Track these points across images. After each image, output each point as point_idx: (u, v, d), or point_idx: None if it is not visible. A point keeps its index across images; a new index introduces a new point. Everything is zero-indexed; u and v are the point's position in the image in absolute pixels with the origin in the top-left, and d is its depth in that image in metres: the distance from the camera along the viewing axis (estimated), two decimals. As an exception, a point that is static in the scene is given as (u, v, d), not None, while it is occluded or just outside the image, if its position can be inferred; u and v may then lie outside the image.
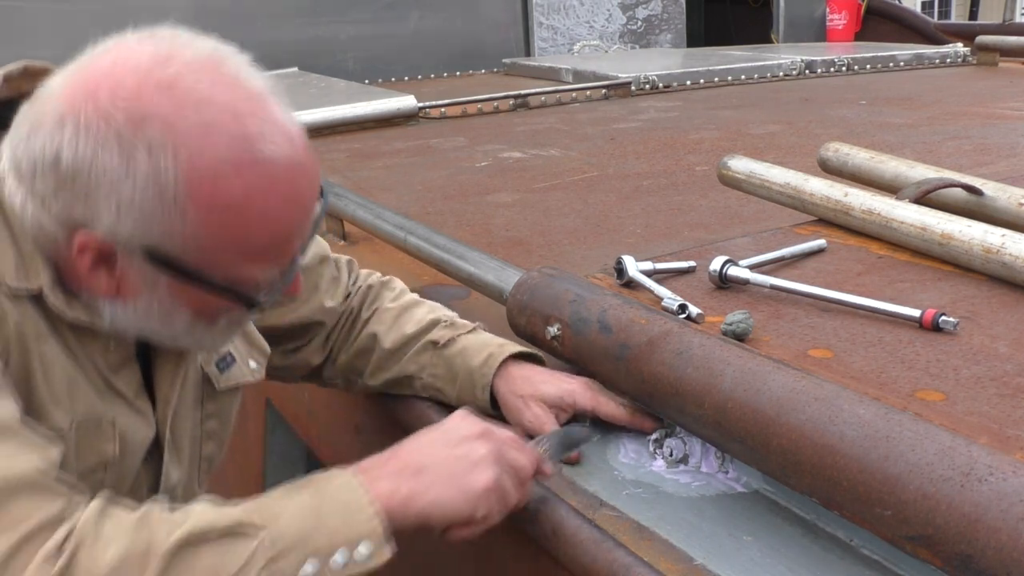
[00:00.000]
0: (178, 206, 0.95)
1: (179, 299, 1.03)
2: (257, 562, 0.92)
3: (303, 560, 0.94)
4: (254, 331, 1.34)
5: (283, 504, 0.97)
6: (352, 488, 1.00)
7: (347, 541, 0.96)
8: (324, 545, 0.95)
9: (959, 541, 0.81)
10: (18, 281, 1.02)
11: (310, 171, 1.04)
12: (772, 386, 1.02)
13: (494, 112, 4.02)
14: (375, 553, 0.97)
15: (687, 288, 1.48)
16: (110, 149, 0.93)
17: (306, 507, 0.97)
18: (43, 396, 1.04)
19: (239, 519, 0.94)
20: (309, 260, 1.41)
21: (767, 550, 1.02)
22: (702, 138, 3.29)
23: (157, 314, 1.04)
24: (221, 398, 1.28)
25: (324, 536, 0.95)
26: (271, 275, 1.06)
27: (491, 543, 1.23)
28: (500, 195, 2.60)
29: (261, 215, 0.99)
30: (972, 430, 1.02)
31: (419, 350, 1.39)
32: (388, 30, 5.53)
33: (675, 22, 6.52)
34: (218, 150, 0.95)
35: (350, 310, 1.47)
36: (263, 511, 0.96)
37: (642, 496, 1.14)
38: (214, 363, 1.25)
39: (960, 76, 4.76)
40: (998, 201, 1.68)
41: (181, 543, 0.90)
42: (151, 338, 1.09)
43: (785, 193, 1.81)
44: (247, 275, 1.03)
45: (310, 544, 0.94)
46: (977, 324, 1.30)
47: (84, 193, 0.95)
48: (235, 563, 0.91)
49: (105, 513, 0.92)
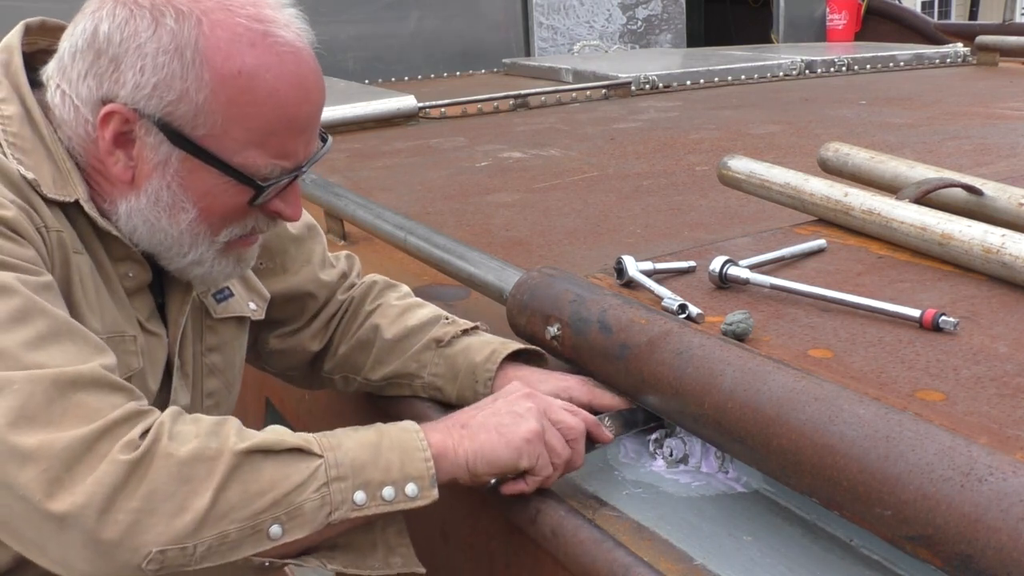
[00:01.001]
0: (195, 69, 1.06)
1: (187, 187, 1.11)
2: (317, 480, 1.00)
3: (356, 487, 1.02)
4: (253, 277, 1.41)
5: (348, 435, 1.06)
6: (410, 432, 1.08)
7: (398, 478, 1.04)
8: (377, 479, 1.03)
9: (959, 541, 0.81)
10: (56, 192, 1.11)
11: (317, 73, 1.14)
12: (772, 386, 1.02)
13: (494, 112, 4.02)
14: (422, 494, 1.05)
15: (687, 288, 1.48)
16: (143, 17, 1.07)
17: (368, 441, 1.05)
18: (81, 304, 1.12)
19: (307, 440, 1.02)
20: (298, 230, 1.48)
21: (767, 550, 1.02)
22: (702, 138, 3.29)
23: (165, 206, 1.12)
24: (220, 331, 1.34)
25: (379, 470, 1.03)
26: (275, 170, 1.12)
27: (491, 543, 1.23)
28: (500, 195, 2.60)
29: (270, 93, 1.08)
30: (972, 430, 1.02)
31: (421, 348, 1.40)
32: (388, 30, 5.53)
33: (675, 22, 6.52)
34: (237, 25, 1.07)
35: (352, 300, 1.50)
36: (330, 438, 1.04)
37: (642, 496, 1.14)
38: (211, 294, 1.32)
39: (960, 76, 4.76)
40: (998, 201, 1.68)
41: (252, 448, 0.98)
42: (159, 251, 1.16)
43: (785, 193, 1.81)
44: (252, 161, 1.10)
45: (364, 474, 1.03)
46: (977, 324, 1.30)
47: (114, 62, 1.08)
48: (297, 476, 0.99)
49: (182, 416, 1.01)
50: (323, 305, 1.49)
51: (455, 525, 1.31)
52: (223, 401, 1.36)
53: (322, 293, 1.49)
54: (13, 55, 1.16)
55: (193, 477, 0.95)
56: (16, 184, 1.08)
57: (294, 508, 0.98)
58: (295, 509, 0.99)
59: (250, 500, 0.97)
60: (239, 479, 0.96)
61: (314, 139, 1.17)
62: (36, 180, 1.10)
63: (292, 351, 1.49)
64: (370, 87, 4.51)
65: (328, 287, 1.50)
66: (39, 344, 0.97)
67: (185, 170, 1.11)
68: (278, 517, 0.98)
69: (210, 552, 0.95)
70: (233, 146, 1.09)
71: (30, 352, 0.96)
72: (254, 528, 0.97)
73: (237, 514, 0.96)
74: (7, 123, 1.12)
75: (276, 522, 0.98)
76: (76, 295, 1.12)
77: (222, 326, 1.34)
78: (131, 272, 1.20)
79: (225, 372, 1.35)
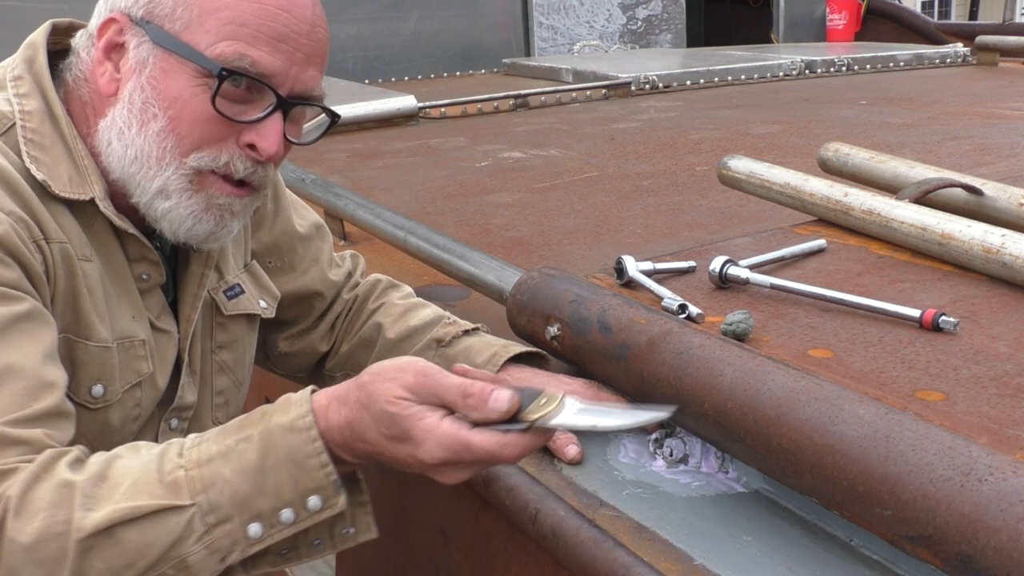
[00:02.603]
0: None
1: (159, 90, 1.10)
2: (194, 532, 0.92)
3: (247, 523, 0.93)
4: (264, 276, 1.41)
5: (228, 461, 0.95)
6: (300, 433, 0.96)
7: (293, 499, 0.95)
8: (268, 506, 0.94)
9: (959, 541, 0.81)
10: (71, 191, 1.11)
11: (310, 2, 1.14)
12: (772, 386, 1.02)
13: (494, 112, 4.02)
14: (327, 505, 0.96)
15: (687, 288, 1.48)
16: None
17: (249, 466, 0.95)
18: (90, 314, 1.11)
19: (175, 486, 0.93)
20: (306, 229, 1.47)
21: (767, 550, 1.02)
22: (702, 138, 3.29)
23: (137, 110, 1.10)
24: (231, 328, 1.33)
25: (268, 497, 0.94)
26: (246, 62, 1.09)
27: (491, 543, 1.23)
28: (500, 195, 2.60)
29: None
30: (972, 430, 1.02)
31: (422, 348, 1.40)
32: (388, 30, 5.53)
33: (675, 22, 6.52)
34: None
35: (356, 298, 1.50)
36: (204, 469, 0.94)
37: (642, 496, 1.14)
38: (222, 291, 1.32)
39: (960, 76, 4.76)
40: (998, 201, 1.68)
41: (105, 525, 0.90)
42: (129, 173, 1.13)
43: (785, 193, 1.81)
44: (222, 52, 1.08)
45: (252, 507, 0.94)
46: (977, 324, 1.30)
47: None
48: (168, 537, 0.91)
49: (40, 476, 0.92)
50: (330, 305, 1.50)
51: (455, 525, 1.31)
52: (232, 399, 1.36)
53: (329, 292, 1.49)
54: (38, 52, 1.17)
55: (45, 560, 0.88)
56: (19, 191, 1.07)
57: (177, 563, 0.92)
58: (179, 563, 0.92)
59: (119, 573, 0.90)
60: (99, 558, 0.90)
61: (300, 69, 1.13)
62: (47, 181, 1.10)
63: (302, 353, 1.49)
64: (370, 87, 4.51)
65: (335, 286, 1.50)
66: None
67: (160, 70, 1.11)
68: (165, 574, 0.91)
69: None
70: (206, 39, 1.09)
71: None
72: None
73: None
74: (27, 119, 1.13)
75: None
76: (84, 305, 1.11)
77: (232, 323, 1.34)
78: (145, 274, 1.20)
79: (235, 370, 1.36)
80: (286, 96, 1.13)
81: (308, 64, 1.14)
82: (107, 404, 1.15)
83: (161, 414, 1.25)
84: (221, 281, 1.32)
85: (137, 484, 0.93)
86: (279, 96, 1.12)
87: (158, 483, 0.93)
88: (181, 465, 0.95)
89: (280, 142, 1.14)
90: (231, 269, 1.34)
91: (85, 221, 1.14)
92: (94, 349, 1.12)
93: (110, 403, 1.15)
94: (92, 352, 1.12)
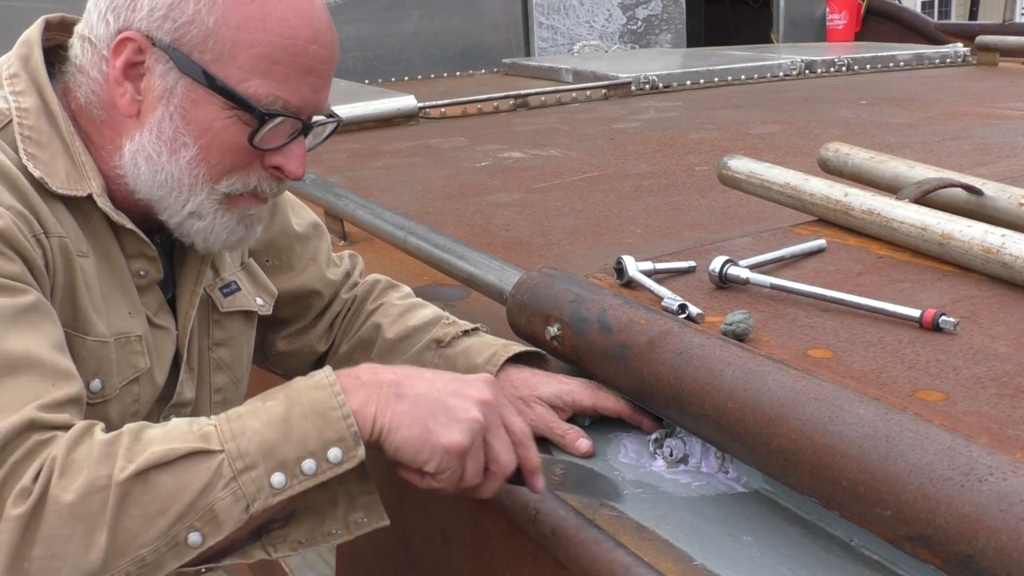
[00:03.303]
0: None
1: (189, 120, 1.11)
2: (223, 477, 0.95)
3: (271, 471, 0.97)
4: (260, 273, 1.41)
5: (255, 414, 0.99)
6: (324, 390, 1.01)
7: (317, 448, 0.98)
8: (292, 456, 0.97)
9: (959, 541, 0.81)
10: (68, 187, 1.11)
11: (329, 22, 1.15)
12: (772, 386, 1.02)
13: (494, 112, 4.02)
14: (347, 456, 0.99)
15: (687, 288, 1.48)
16: None
17: (277, 417, 0.99)
18: (88, 309, 1.11)
19: (206, 435, 0.97)
20: (304, 228, 1.48)
21: (767, 550, 1.02)
22: (702, 138, 3.29)
23: (167, 139, 1.11)
24: (228, 325, 1.34)
25: (293, 446, 0.97)
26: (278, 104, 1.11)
27: (491, 543, 1.23)
28: (500, 195, 2.60)
29: (281, 22, 1.09)
30: (972, 430, 1.02)
31: (421, 348, 1.40)
32: (388, 30, 5.53)
33: (675, 22, 6.52)
34: None
35: (354, 298, 1.50)
36: (234, 423, 0.98)
37: (642, 496, 1.14)
38: (218, 288, 1.32)
39: (960, 76, 4.76)
40: (998, 201, 1.68)
41: (141, 469, 0.93)
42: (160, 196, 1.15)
43: (785, 193, 1.81)
44: (255, 91, 1.10)
45: (277, 455, 0.97)
46: (977, 324, 1.30)
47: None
48: (199, 481, 0.94)
49: (83, 437, 0.95)
50: (328, 304, 1.50)
51: (455, 525, 1.31)
52: (231, 397, 1.36)
53: (328, 291, 1.49)
54: (33, 49, 1.17)
55: (87, 514, 0.92)
56: (18, 186, 1.07)
57: (206, 511, 0.95)
58: (207, 512, 0.95)
59: (152, 521, 0.93)
60: (134, 504, 0.93)
61: (322, 94, 1.16)
62: (44, 177, 1.10)
63: (300, 352, 1.50)
64: (370, 87, 4.51)
65: (333, 285, 1.50)
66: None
67: (189, 101, 1.11)
68: (192, 525, 0.94)
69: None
70: (239, 74, 1.09)
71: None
72: (170, 544, 0.94)
73: (144, 538, 0.93)
74: (24, 116, 1.13)
75: (192, 530, 0.94)
76: (82, 300, 1.12)
77: (229, 320, 1.34)
78: (143, 270, 1.20)
79: (233, 367, 1.36)
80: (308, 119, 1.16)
81: (327, 86, 1.17)
82: (105, 399, 1.15)
83: (160, 410, 1.25)
84: (217, 278, 1.33)
85: (170, 434, 0.97)
86: (303, 122, 1.15)
87: (190, 432, 0.98)
88: (211, 423, 0.99)
89: (304, 163, 1.18)
90: (227, 267, 1.35)
91: (82, 218, 1.14)
92: (92, 344, 1.13)
93: (108, 398, 1.16)
94: (90, 347, 1.13)
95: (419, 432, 1.00)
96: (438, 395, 1.03)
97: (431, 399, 1.02)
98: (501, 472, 1.06)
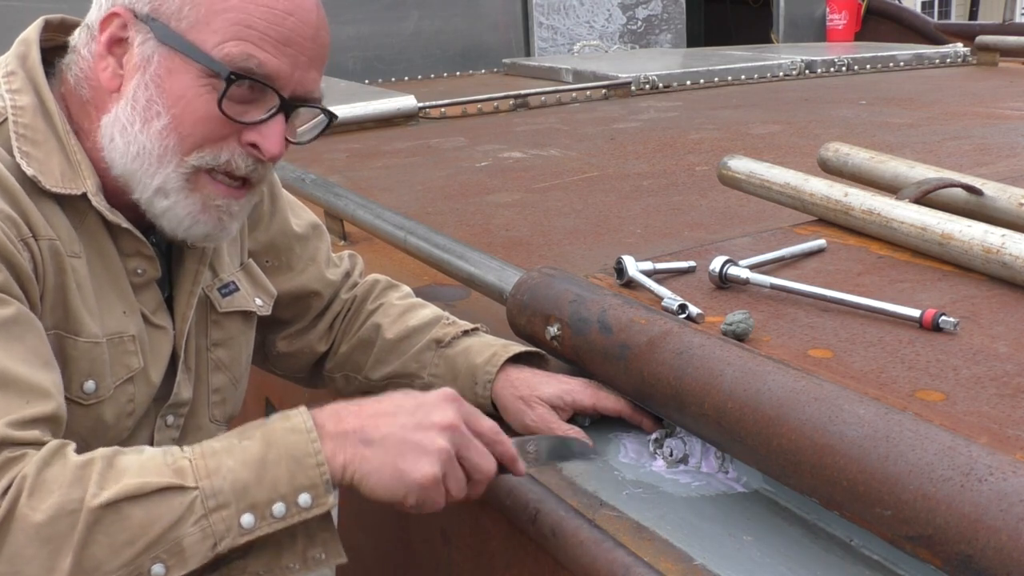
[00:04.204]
0: None
1: (163, 88, 1.10)
2: (194, 514, 0.95)
3: (242, 512, 0.97)
4: (260, 274, 1.41)
5: (231, 452, 1.00)
6: (301, 434, 1.02)
7: (288, 492, 0.99)
8: (263, 498, 0.98)
9: (959, 541, 0.81)
10: (63, 186, 1.11)
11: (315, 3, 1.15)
12: (772, 386, 1.02)
13: (494, 112, 4.02)
14: (316, 503, 1.00)
15: (687, 288, 1.48)
16: None
17: (252, 458, 0.99)
18: (80, 310, 1.11)
19: (181, 470, 0.97)
20: (303, 229, 1.48)
21: (767, 550, 1.02)
22: (702, 138, 3.29)
23: (140, 108, 1.11)
24: (226, 325, 1.34)
25: (264, 489, 0.98)
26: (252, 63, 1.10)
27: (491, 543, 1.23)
28: (500, 195, 2.60)
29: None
30: (972, 430, 1.02)
31: (422, 348, 1.40)
32: (388, 30, 5.53)
33: (675, 22, 6.52)
34: None
35: (354, 298, 1.50)
36: (210, 460, 0.99)
37: (642, 496, 1.14)
38: (217, 289, 1.32)
39: (960, 76, 4.76)
40: (998, 201, 1.68)
41: (114, 499, 0.93)
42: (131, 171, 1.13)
43: (785, 193, 1.81)
44: (229, 53, 1.09)
45: (249, 497, 0.98)
46: (977, 324, 1.30)
47: None
48: (170, 516, 0.95)
49: (55, 457, 0.95)
50: (328, 304, 1.50)
51: (455, 525, 1.31)
52: (229, 397, 1.36)
53: (327, 292, 1.49)
54: (31, 48, 1.17)
55: (54, 536, 0.91)
56: (8, 189, 1.07)
57: (174, 545, 0.94)
58: (175, 546, 0.94)
59: (119, 551, 0.92)
60: (103, 532, 0.92)
61: (304, 73, 1.14)
62: (37, 176, 1.10)
63: (300, 353, 1.49)
64: (370, 87, 4.51)
65: (333, 286, 1.50)
66: None
67: (164, 69, 1.11)
68: (158, 557, 0.94)
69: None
70: (213, 39, 1.09)
71: None
72: (133, 573, 0.93)
73: (108, 566, 0.92)
74: (19, 114, 1.13)
75: (157, 562, 0.94)
76: (73, 301, 1.11)
77: (228, 321, 1.34)
78: (140, 268, 1.20)
79: (231, 368, 1.36)
80: (288, 98, 1.14)
81: (311, 67, 1.15)
82: (99, 400, 1.15)
83: (157, 410, 1.25)
84: (215, 279, 1.32)
85: (145, 467, 0.97)
86: (282, 98, 1.13)
87: (165, 466, 0.97)
88: (186, 456, 0.99)
89: (282, 142, 1.16)
90: (226, 267, 1.35)
91: (76, 217, 1.14)
92: (84, 345, 1.12)
93: (102, 399, 1.15)
94: (82, 348, 1.12)
95: (390, 474, 1.02)
96: (402, 432, 1.04)
97: (397, 439, 1.04)
98: (484, 478, 1.09)
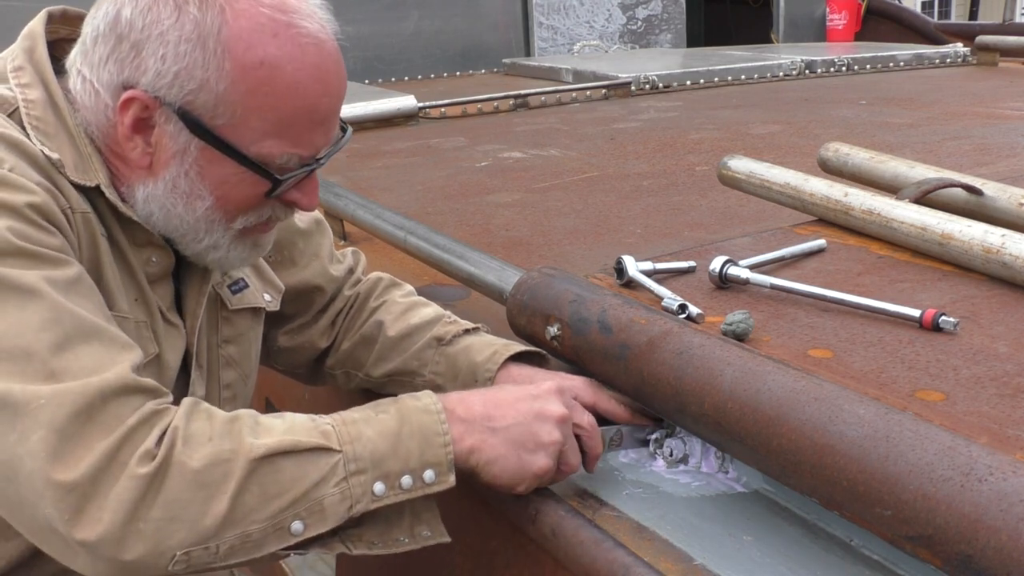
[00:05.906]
0: (216, 58, 1.06)
1: (204, 176, 1.12)
2: (336, 475, 1.01)
3: (376, 479, 1.03)
4: (268, 269, 1.42)
5: (369, 423, 1.06)
6: (432, 415, 1.08)
7: (416, 467, 1.05)
8: (396, 469, 1.04)
9: (959, 541, 0.81)
10: (77, 176, 1.11)
11: (339, 64, 1.14)
12: (772, 386, 1.02)
13: (494, 112, 4.02)
14: (439, 480, 1.06)
15: (687, 288, 1.48)
16: (166, 3, 1.07)
17: (388, 430, 1.05)
18: (110, 281, 1.13)
19: (326, 434, 1.03)
20: (306, 224, 1.49)
21: (767, 550, 1.02)
22: (702, 138, 3.29)
23: (182, 193, 1.13)
24: (236, 322, 1.35)
25: (398, 461, 1.04)
26: (292, 160, 1.13)
27: (491, 543, 1.23)
28: (500, 195, 2.60)
29: (291, 85, 1.08)
30: (972, 430, 1.02)
31: (423, 346, 1.40)
32: (388, 30, 5.53)
33: (675, 22, 6.52)
34: (259, 15, 1.07)
35: (357, 295, 1.51)
36: (350, 427, 1.04)
37: (642, 496, 1.14)
38: (227, 286, 1.33)
39: (960, 76, 4.76)
40: (998, 201, 1.68)
41: (269, 453, 0.99)
42: (174, 236, 1.17)
43: (785, 193, 1.81)
44: (269, 151, 1.11)
45: (384, 466, 1.03)
46: (977, 324, 1.30)
47: (136, 48, 1.07)
48: (316, 474, 1.00)
49: (196, 412, 1.00)
50: (330, 300, 1.50)
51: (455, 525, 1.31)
52: (240, 393, 1.37)
53: (330, 287, 1.50)
54: (37, 42, 1.17)
55: (209, 483, 0.96)
56: (42, 165, 1.08)
57: (314, 504, 1.00)
58: (315, 504, 1.00)
59: (269, 501, 0.98)
60: (257, 482, 0.97)
61: (333, 129, 1.17)
62: (60, 161, 1.10)
63: (301, 348, 1.50)
64: (370, 87, 4.51)
65: (336, 282, 1.51)
66: (66, 347, 0.97)
67: (203, 159, 1.11)
68: (299, 514, 0.99)
69: (233, 551, 0.97)
70: (251, 136, 1.10)
71: (57, 357, 0.96)
72: (276, 526, 0.98)
73: (257, 515, 0.97)
74: (31, 107, 1.13)
75: (297, 519, 0.99)
76: (106, 273, 1.13)
77: (238, 317, 1.35)
78: (154, 257, 1.21)
79: (241, 363, 1.36)
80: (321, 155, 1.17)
81: (337, 121, 1.18)
82: None
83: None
84: (225, 276, 1.33)
85: (294, 427, 1.03)
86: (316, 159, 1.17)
87: (313, 428, 1.03)
88: (327, 422, 1.05)
89: (318, 192, 1.21)
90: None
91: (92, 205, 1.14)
92: (116, 319, 1.12)
93: None
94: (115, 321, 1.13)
95: (514, 463, 1.10)
96: (524, 422, 1.12)
97: (520, 429, 1.11)
98: (569, 471, 1.16)
